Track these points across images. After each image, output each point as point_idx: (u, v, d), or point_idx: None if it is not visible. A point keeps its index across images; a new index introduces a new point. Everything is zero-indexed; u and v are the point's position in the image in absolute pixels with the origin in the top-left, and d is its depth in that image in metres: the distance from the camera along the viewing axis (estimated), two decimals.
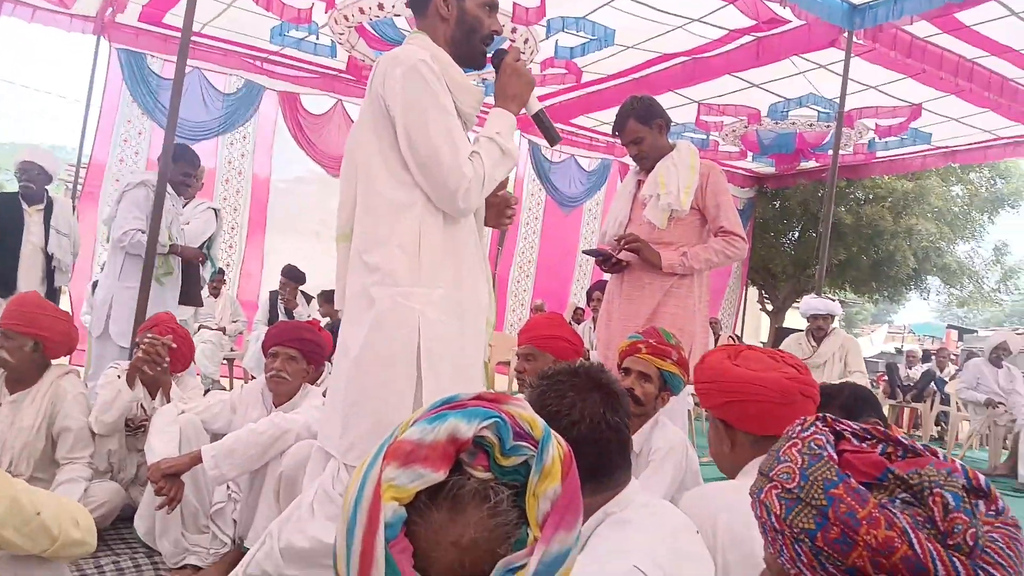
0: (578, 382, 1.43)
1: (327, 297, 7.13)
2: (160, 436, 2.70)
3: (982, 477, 0.86)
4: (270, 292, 7.66)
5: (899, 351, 18.20)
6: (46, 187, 5.16)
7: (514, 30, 6.03)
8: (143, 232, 4.21)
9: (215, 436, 2.82)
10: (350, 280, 1.99)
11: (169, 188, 4.33)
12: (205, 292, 6.47)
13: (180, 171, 4.65)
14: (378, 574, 0.72)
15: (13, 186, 5.24)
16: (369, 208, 1.94)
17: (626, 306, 3.24)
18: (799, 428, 0.97)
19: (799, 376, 1.70)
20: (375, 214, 1.92)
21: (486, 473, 0.78)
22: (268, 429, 2.61)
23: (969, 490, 0.84)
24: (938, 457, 0.89)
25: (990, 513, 0.84)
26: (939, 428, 9.77)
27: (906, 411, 9.89)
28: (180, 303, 4.97)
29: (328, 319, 6.73)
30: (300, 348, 2.94)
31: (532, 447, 0.80)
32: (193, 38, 7.28)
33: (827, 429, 0.95)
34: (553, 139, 2.19)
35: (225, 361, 7.52)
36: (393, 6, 5.74)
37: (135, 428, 3.19)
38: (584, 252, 4.18)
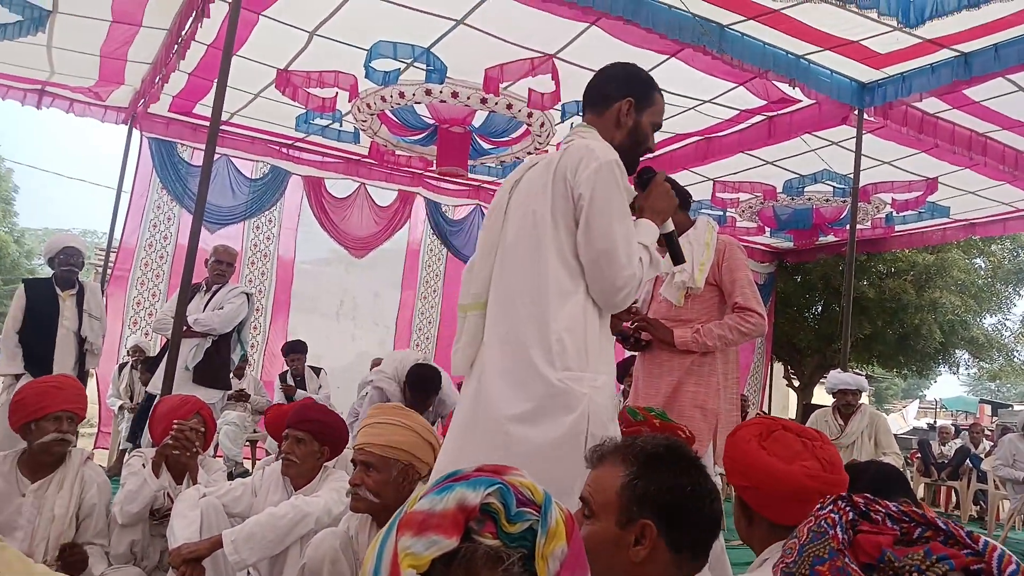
0: (681, 455, 1.48)
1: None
2: (181, 520, 2.69)
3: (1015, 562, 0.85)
4: (279, 375, 7.67)
5: (931, 427, 17.75)
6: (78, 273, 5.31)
7: (530, 114, 6.21)
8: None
9: (237, 519, 2.80)
10: (500, 354, 2.01)
11: None
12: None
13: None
14: None
15: (45, 271, 5.40)
16: (530, 288, 1.98)
17: (647, 384, 3.22)
18: (819, 507, 0.98)
19: (821, 474, 1.62)
20: (538, 294, 1.97)
21: (495, 540, 0.82)
22: (288, 513, 2.59)
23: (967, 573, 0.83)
24: (973, 541, 0.87)
25: None
26: (978, 507, 9.43)
27: (943, 490, 9.58)
28: (209, 386, 5.03)
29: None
30: (309, 430, 2.90)
31: (535, 512, 0.84)
32: (222, 127, 7.61)
33: (847, 508, 0.95)
34: (679, 259, 2.27)
35: (248, 443, 7.51)
36: (414, 94, 5.95)
37: (161, 517, 3.13)
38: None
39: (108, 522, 3.10)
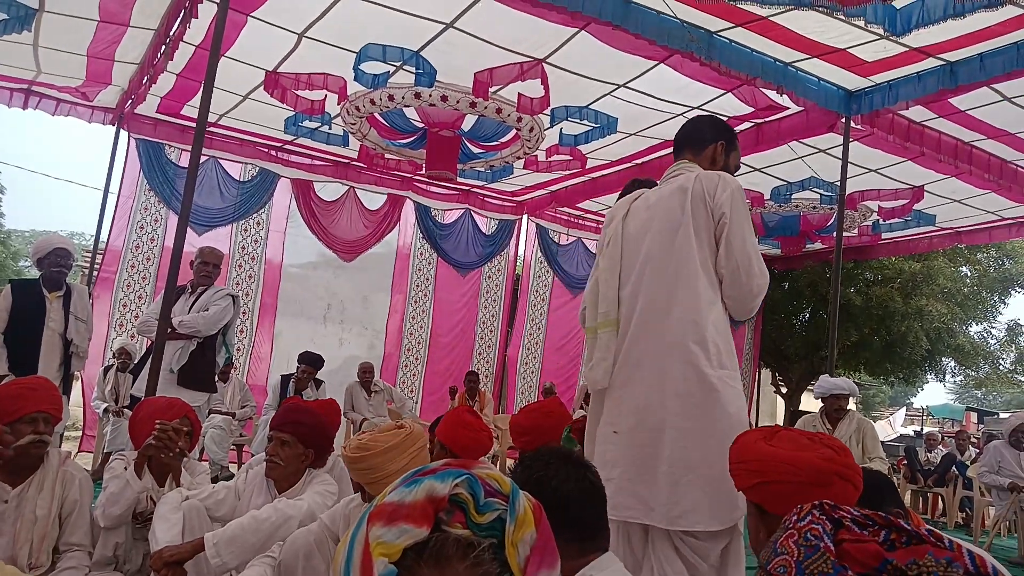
0: (557, 455, 1.63)
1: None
2: (163, 523, 2.65)
3: (990, 562, 0.84)
4: (281, 376, 7.66)
5: (918, 434, 17.81)
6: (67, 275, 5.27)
7: (519, 119, 6.21)
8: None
9: (220, 522, 2.77)
10: (654, 361, 2.22)
11: None
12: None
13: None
14: None
15: (32, 273, 5.34)
16: (682, 299, 2.22)
17: None
18: (795, 517, 0.96)
19: (836, 457, 1.63)
20: (691, 304, 2.21)
21: (464, 531, 0.84)
22: (271, 516, 2.57)
23: None
24: (942, 543, 0.86)
25: None
26: (963, 514, 9.46)
27: (929, 497, 9.61)
28: (194, 389, 4.98)
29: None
30: (293, 432, 2.88)
31: (503, 502, 0.86)
32: (210, 128, 7.59)
33: (824, 518, 0.94)
34: None
35: (234, 447, 7.45)
36: (403, 97, 5.94)
37: (144, 520, 3.08)
38: None
39: (92, 522, 3.06)
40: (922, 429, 20.39)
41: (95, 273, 7.73)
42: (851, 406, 5.86)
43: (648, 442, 2.18)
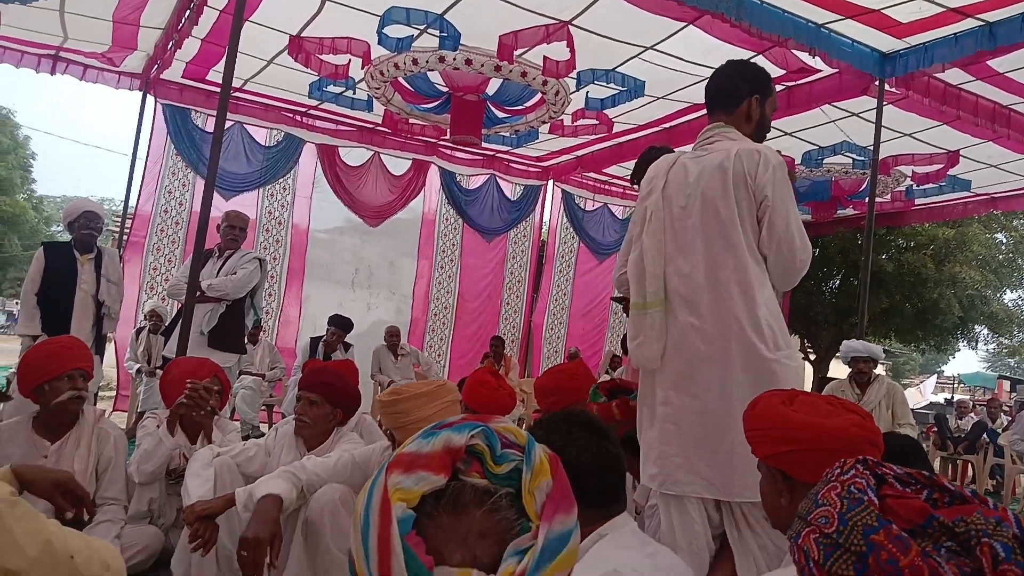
0: (576, 421, 1.65)
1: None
2: (195, 479, 2.71)
3: None
4: (310, 338, 7.76)
5: (949, 402, 17.62)
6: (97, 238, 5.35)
7: (545, 82, 6.13)
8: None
9: (250, 479, 2.84)
10: (709, 341, 2.23)
11: None
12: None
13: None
14: (397, 563, 0.78)
15: (63, 238, 5.43)
16: (734, 281, 2.23)
17: None
18: (838, 471, 0.95)
19: (865, 424, 1.60)
20: (744, 285, 2.22)
21: (482, 480, 0.86)
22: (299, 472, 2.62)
23: (1021, 540, 0.80)
24: (987, 505, 0.85)
25: None
26: (994, 481, 9.39)
27: (959, 464, 9.53)
28: (224, 350, 5.07)
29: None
30: (321, 392, 2.94)
31: (519, 453, 0.88)
32: (235, 94, 7.60)
33: (868, 472, 0.92)
34: None
35: (264, 407, 7.60)
36: (427, 61, 5.89)
37: (177, 477, 3.18)
38: (612, 299, 4.22)
39: (126, 478, 3.15)
40: (953, 397, 20.17)
41: (125, 238, 7.84)
42: (879, 371, 5.80)
43: (706, 423, 2.20)
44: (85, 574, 1.56)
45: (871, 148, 6.06)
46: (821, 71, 5.94)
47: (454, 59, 5.81)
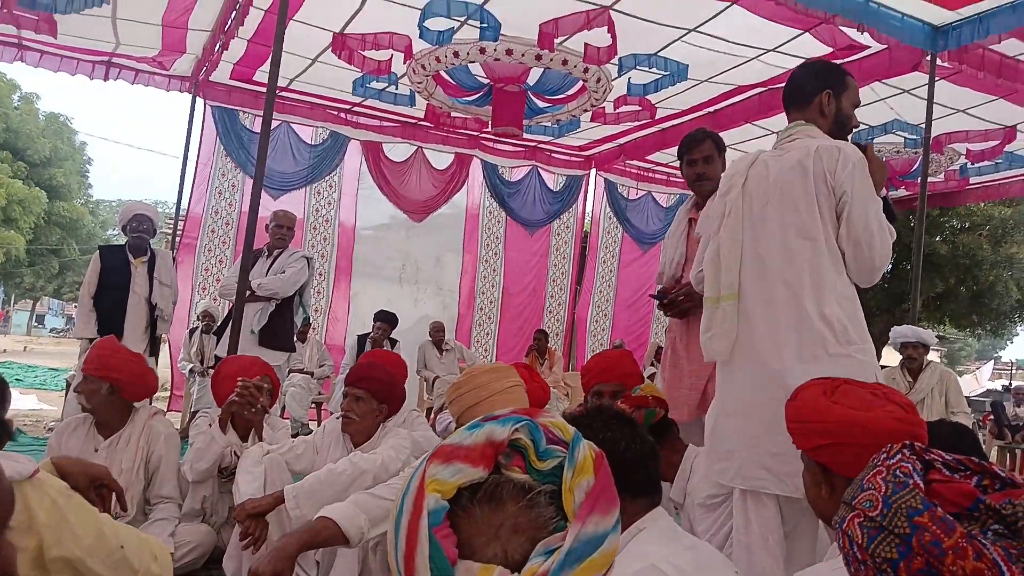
0: (616, 416, 1.67)
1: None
2: (246, 476, 2.76)
3: None
4: (358, 336, 7.86)
5: (1007, 389, 17.10)
6: (149, 240, 5.48)
7: (586, 70, 6.10)
8: None
9: (299, 476, 2.88)
10: (782, 335, 2.25)
11: None
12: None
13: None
14: (422, 555, 0.78)
15: (118, 240, 5.57)
16: (809, 275, 2.26)
17: (697, 349, 3.20)
18: (884, 456, 0.95)
19: (906, 416, 1.56)
20: (815, 281, 2.25)
21: (523, 475, 0.85)
22: (346, 469, 2.63)
23: None
24: None
25: None
26: None
27: (1017, 453, 9.25)
28: (274, 348, 5.16)
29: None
30: (368, 388, 2.95)
31: (564, 449, 0.86)
32: (280, 93, 7.71)
33: (915, 457, 0.92)
34: (893, 218, 2.43)
35: (313, 405, 7.72)
36: (468, 53, 5.91)
37: (229, 475, 3.23)
38: (651, 296, 4.19)
39: (180, 476, 3.22)
40: (1010, 383, 19.57)
41: (178, 239, 8.03)
42: (930, 357, 5.68)
43: (774, 417, 2.15)
44: (134, 563, 1.61)
45: (923, 126, 5.89)
46: (870, 47, 5.79)
47: (495, 49, 5.82)
